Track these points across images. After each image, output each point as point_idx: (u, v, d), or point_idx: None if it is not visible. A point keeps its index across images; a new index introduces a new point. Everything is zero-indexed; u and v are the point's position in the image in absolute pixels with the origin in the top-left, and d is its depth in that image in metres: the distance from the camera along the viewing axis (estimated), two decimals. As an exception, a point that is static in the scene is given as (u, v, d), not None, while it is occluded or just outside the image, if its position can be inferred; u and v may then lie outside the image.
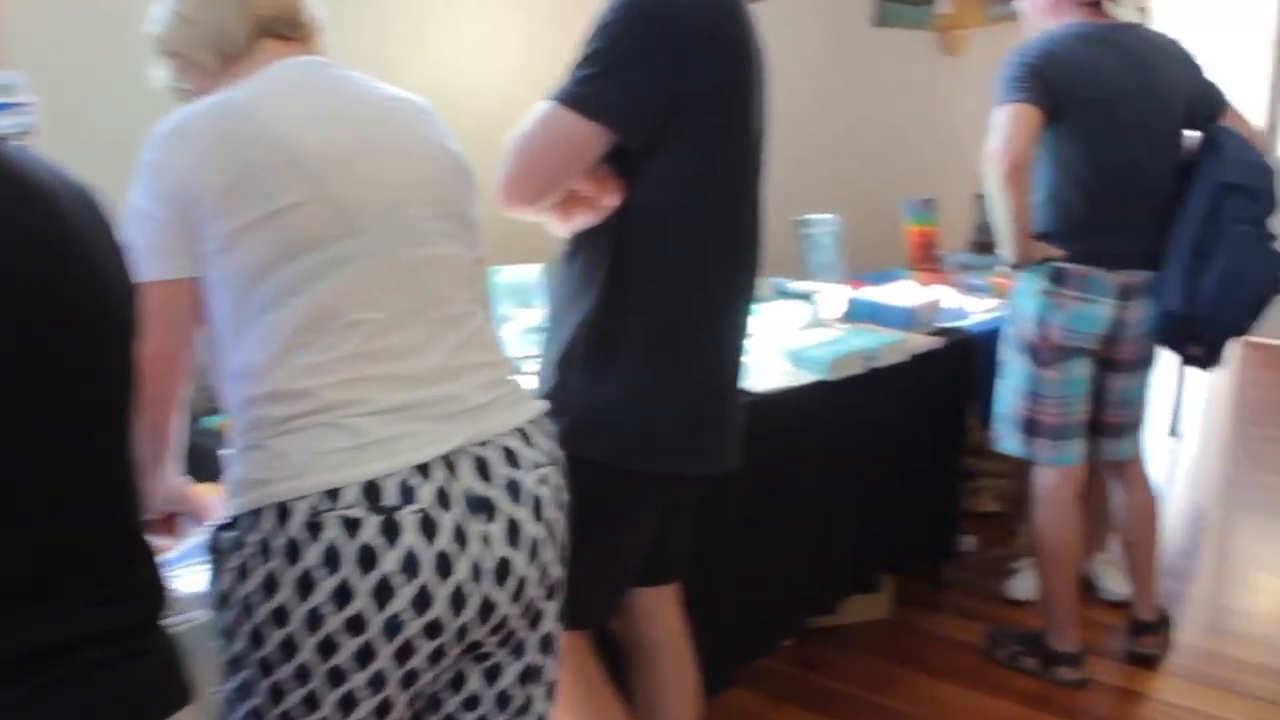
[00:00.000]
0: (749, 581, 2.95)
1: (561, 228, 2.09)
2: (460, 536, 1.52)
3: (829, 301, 3.70)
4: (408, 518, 1.48)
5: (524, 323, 3.04)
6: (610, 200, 2.00)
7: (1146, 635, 3.53)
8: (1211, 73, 3.32)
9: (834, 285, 3.96)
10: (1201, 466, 5.56)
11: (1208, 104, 3.26)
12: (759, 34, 2.10)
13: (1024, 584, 3.92)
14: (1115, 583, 3.86)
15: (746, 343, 2.23)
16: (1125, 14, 3.18)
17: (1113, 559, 3.90)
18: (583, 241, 2.08)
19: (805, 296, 3.69)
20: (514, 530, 1.59)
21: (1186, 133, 3.23)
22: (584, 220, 2.05)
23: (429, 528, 1.50)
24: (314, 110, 1.63)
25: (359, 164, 1.62)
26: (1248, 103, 3.37)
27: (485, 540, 1.55)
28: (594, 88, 1.92)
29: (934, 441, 3.64)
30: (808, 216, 4.18)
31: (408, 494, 1.49)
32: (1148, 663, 3.51)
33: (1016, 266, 3.23)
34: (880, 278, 4.25)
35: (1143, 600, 3.54)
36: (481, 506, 1.56)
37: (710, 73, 1.97)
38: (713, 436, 2.17)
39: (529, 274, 3.13)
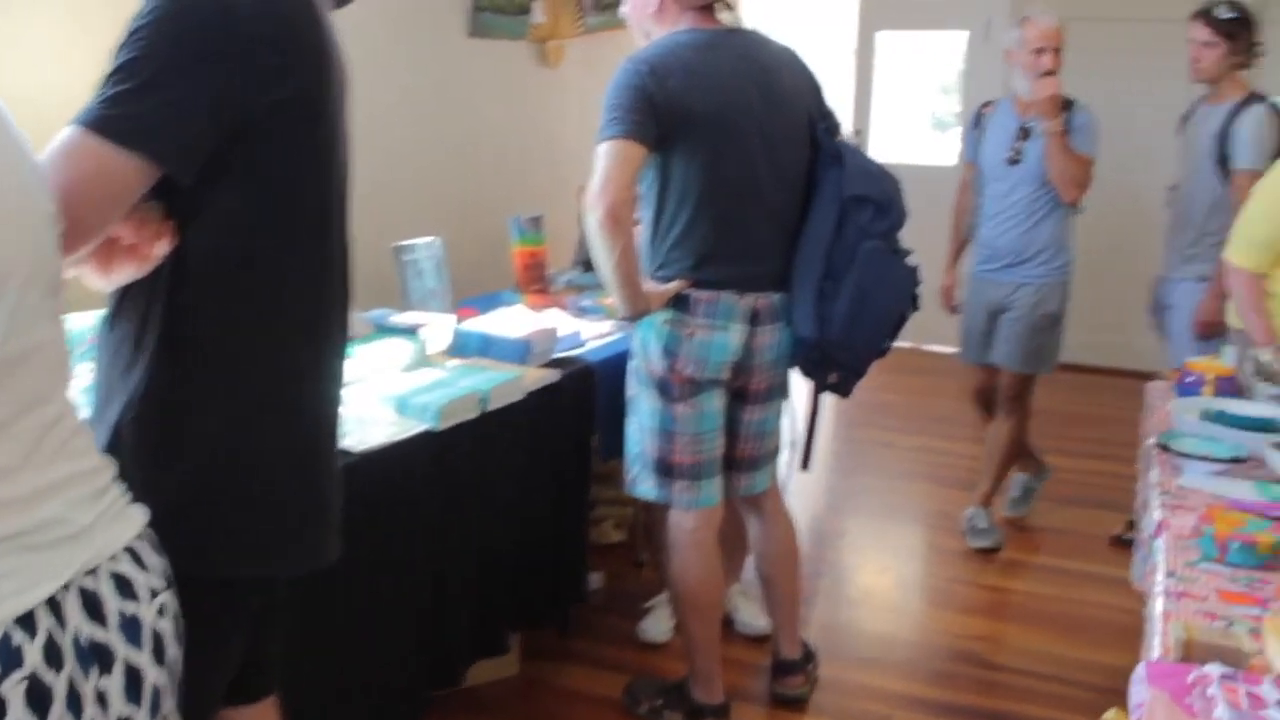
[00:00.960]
0: (363, 668, 2.66)
1: (100, 282, 1.67)
2: (74, 701, 1.21)
3: (435, 336, 3.36)
4: (12, 691, 1.15)
5: (81, 383, 2.55)
6: (159, 247, 1.61)
7: (792, 675, 3.36)
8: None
9: (439, 315, 3.64)
10: (807, 474, 5.55)
11: (827, 119, 3.09)
12: (338, 41, 1.74)
13: (658, 624, 3.73)
14: (752, 615, 3.73)
15: (343, 394, 1.91)
16: (733, 20, 2.99)
17: (747, 589, 3.75)
18: (128, 298, 1.68)
19: (409, 332, 3.34)
20: (134, 681, 1.32)
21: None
22: (128, 273, 1.64)
23: (40, 699, 1.17)
24: None
25: None
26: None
27: (101, 700, 1.26)
28: (126, 109, 1.50)
29: (557, 483, 3.36)
30: (407, 241, 3.84)
31: (11, 658, 1.15)
32: (795, 704, 3.35)
33: (630, 319, 2.97)
34: (488, 301, 4.05)
35: (785, 637, 3.37)
36: (95, 655, 1.27)
37: (280, 85, 1.60)
38: (308, 524, 1.84)
39: (83, 323, 2.64)
